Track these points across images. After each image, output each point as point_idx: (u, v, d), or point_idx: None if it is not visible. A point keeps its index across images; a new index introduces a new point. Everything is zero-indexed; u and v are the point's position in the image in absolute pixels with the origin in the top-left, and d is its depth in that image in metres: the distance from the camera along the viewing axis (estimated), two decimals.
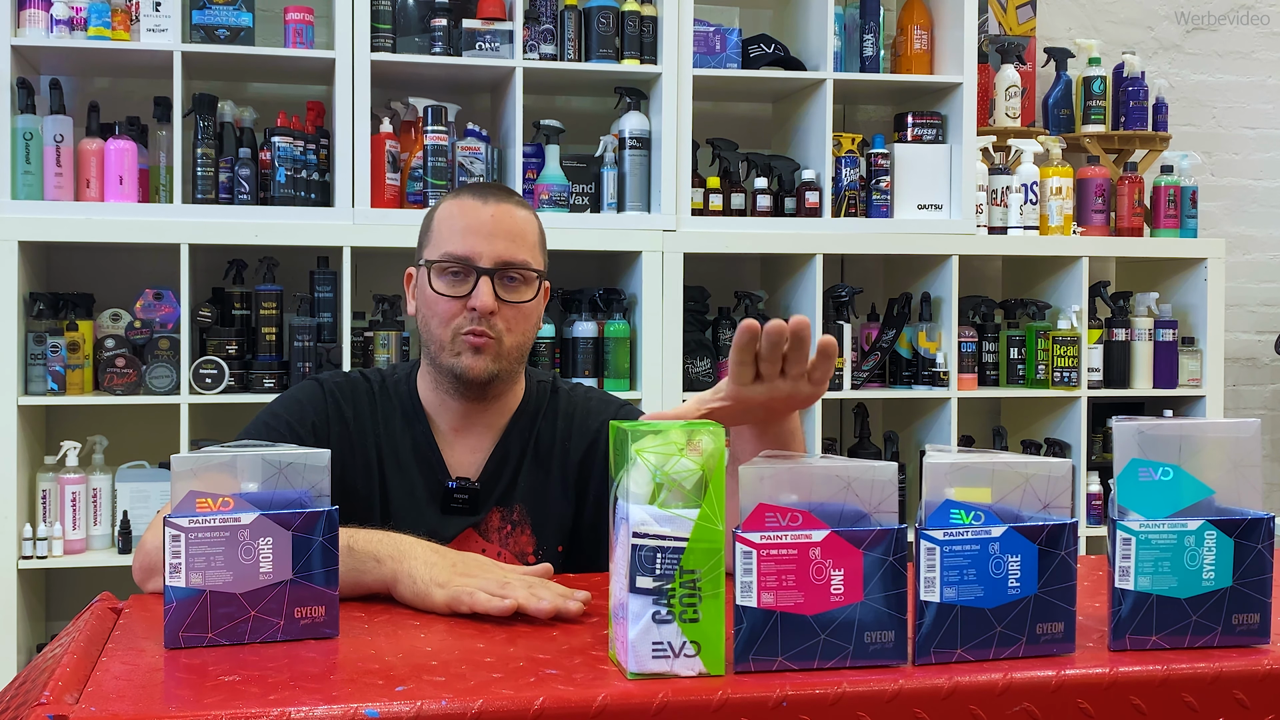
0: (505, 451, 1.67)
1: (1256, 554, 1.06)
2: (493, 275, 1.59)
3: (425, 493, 1.64)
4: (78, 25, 2.84)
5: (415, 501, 1.64)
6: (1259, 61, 3.95)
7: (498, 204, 1.62)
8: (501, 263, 1.59)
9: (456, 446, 1.66)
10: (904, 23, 3.35)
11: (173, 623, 1.07)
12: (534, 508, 1.66)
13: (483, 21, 3.01)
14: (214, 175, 2.92)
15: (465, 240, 1.59)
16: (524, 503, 1.66)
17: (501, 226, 1.60)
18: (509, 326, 1.60)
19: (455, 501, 1.63)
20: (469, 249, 1.59)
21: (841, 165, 3.22)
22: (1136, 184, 3.47)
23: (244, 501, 1.09)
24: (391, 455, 1.65)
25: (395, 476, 1.64)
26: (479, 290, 1.58)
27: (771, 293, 3.38)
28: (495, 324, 1.59)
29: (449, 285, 1.60)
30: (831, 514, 0.99)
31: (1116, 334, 3.40)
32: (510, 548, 1.64)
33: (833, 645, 0.99)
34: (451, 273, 1.60)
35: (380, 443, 1.65)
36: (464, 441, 1.67)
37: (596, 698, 0.92)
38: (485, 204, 1.62)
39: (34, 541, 2.77)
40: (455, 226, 1.61)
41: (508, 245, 1.60)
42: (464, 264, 1.59)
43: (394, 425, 1.66)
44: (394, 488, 1.64)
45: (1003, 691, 0.97)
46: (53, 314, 2.85)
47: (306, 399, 1.65)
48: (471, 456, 1.66)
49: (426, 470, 1.65)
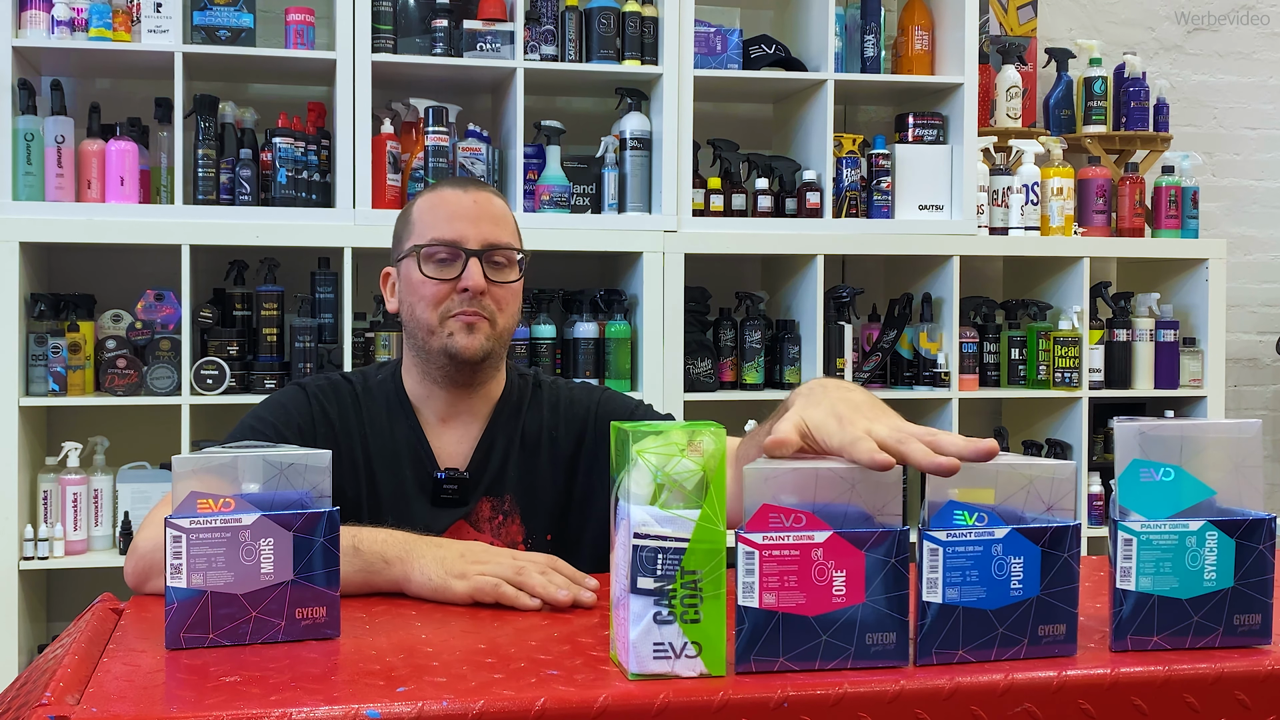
0: (492, 440, 1.69)
1: (1258, 555, 1.06)
2: (480, 256, 1.63)
3: (415, 486, 1.66)
4: (79, 26, 2.84)
5: (405, 497, 1.66)
6: (1260, 62, 3.95)
7: (478, 191, 1.68)
8: (488, 244, 1.64)
9: (444, 437, 1.69)
10: (905, 23, 3.36)
11: (174, 623, 1.07)
12: (523, 497, 1.68)
13: (483, 22, 3.01)
14: (215, 176, 2.92)
15: (452, 225, 1.64)
16: (513, 492, 1.68)
17: (485, 211, 1.66)
18: (499, 307, 1.65)
19: (445, 493, 1.66)
20: (456, 233, 1.63)
21: (842, 166, 3.22)
22: (1137, 184, 3.47)
23: (245, 502, 1.09)
24: (379, 453, 1.66)
25: (384, 473, 1.66)
26: (469, 270, 1.62)
27: (772, 293, 3.38)
28: (486, 304, 1.63)
29: (437, 269, 1.64)
30: (835, 515, 0.99)
31: (1118, 334, 3.40)
32: (502, 537, 1.66)
33: (834, 646, 0.99)
34: (439, 258, 1.64)
35: (367, 441, 1.67)
36: (451, 431, 1.69)
37: (598, 698, 0.92)
38: (466, 192, 1.67)
39: (35, 542, 2.77)
40: (439, 214, 1.65)
41: (492, 228, 1.65)
42: (452, 247, 1.63)
43: (380, 422, 1.68)
44: (383, 484, 1.66)
45: (1004, 692, 0.97)
46: (54, 315, 2.86)
47: (290, 403, 1.67)
48: (459, 446, 1.69)
49: (415, 463, 1.67)
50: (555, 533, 1.69)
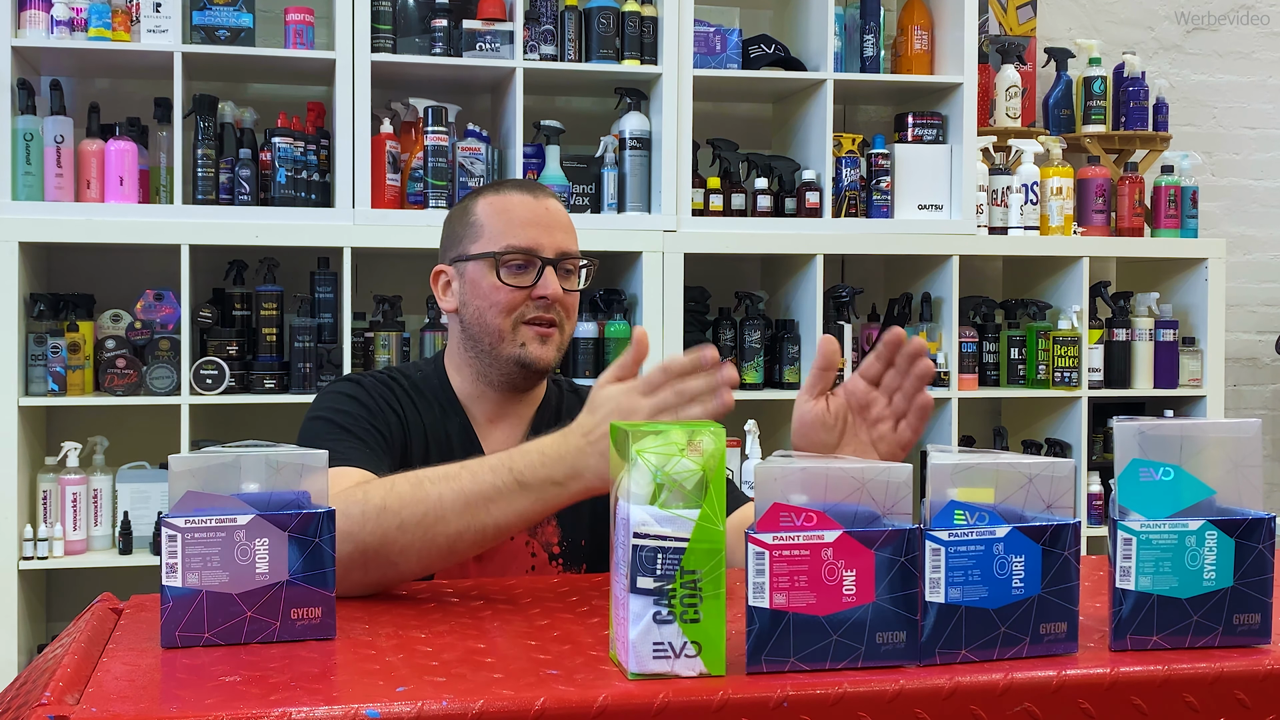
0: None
1: (1257, 554, 1.06)
2: (556, 265, 1.64)
3: None
4: (78, 26, 2.84)
5: None
6: (1259, 61, 3.95)
7: (549, 199, 1.69)
8: (562, 253, 1.66)
9: (492, 436, 1.70)
10: (904, 23, 3.35)
11: (169, 622, 1.07)
12: None
13: (483, 22, 3.01)
14: (214, 176, 2.92)
15: (527, 232, 1.64)
16: None
17: (557, 220, 1.67)
18: (568, 314, 1.68)
19: None
20: (532, 240, 1.64)
21: (842, 165, 3.22)
22: (1137, 184, 3.47)
23: (241, 502, 1.09)
24: (435, 446, 1.67)
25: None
26: (546, 279, 1.63)
27: (772, 293, 3.38)
28: (557, 311, 1.65)
29: (514, 276, 1.64)
30: (845, 515, 0.99)
31: (1117, 334, 3.39)
32: (538, 538, 1.66)
33: (845, 646, 0.98)
34: (516, 265, 1.64)
35: (426, 434, 1.67)
36: (498, 432, 1.70)
37: (597, 698, 0.92)
38: (537, 199, 1.67)
39: (35, 542, 2.77)
40: (513, 219, 1.65)
41: (564, 237, 1.67)
42: (529, 255, 1.64)
43: (433, 417, 1.68)
44: None
45: (1004, 692, 0.97)
46: (53, 315, 2.85)
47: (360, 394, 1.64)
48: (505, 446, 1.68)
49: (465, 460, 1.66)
50: (589, 538, 1.68)
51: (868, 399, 1.36)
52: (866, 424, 1.36)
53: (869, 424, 1.36)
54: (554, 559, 1.65)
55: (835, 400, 1.36)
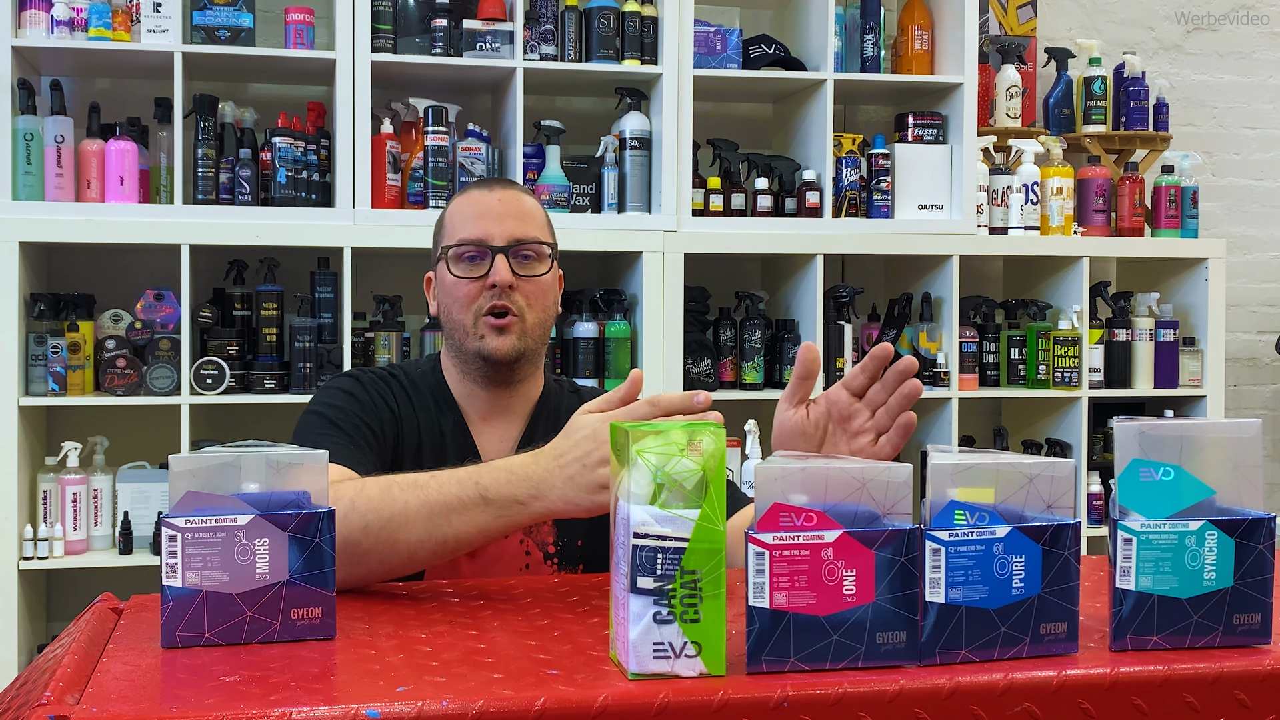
0: (531, 440, 1.69)
1: (1258, 554, 1.06)
2: (507, 252, 1.65)
3: None
4: (78, 26, 2.84)
5: None
6: (1259, 61, 3.95)
7: (503, 190, 1.71)
8: (514, 240, 1.66)
9: (486, 434, 1.70)
10: (904, 23, 3.35)
11: (169, 622, 1.07)
12: None
13: (483, 22, 3.01)
14: (214, 176, 2.92)
15: (477, 224, 1.66)
16: None
17: (510, 209, 1.68)
18: (529, 303, 1.66)
19: None
20: (481, 231, 1.66)
21: (842, 165, 3.22)
22: (1137, 184, 3.47)
23: (241, 502, 1.09)
24: (429, 443, 1.68)
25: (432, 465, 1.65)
26: (496, 266, 1.64)
27: (772, 293, 3.38)
28: (516, 299, 1.65)
29: (466, 268, 1.66)
30: (845, 515, 0.99)
31: (1117, 334, 3.39)
32: (533, 537, 1.66)
33: (845, 646, 0.98)
34: (468, 257, 1.66)
35: (420, 431, 1.68)
36: (493, 430, 1.71)
37: (597, 698, 0.92)
38: (491, 191, 1.70)
39: (35, 542, 2.77)
40: (465, 215, 1.68)
41: (518, 224, 1.67)
42: (478, 245, 1.65)
43: (428, 414, 1.69)
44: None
45: (1004, 692, 0.97)
46: (53, 315, 2.85)
47: (357, 391, 1.67)
48: (500, 445, 1.70)
49: (460, 458, 1.67)
50: (586, 539, 1.68)
51: (850, 410, 1.37)
52: (847, 435, 1.37)
53: (849, 435, 1.37)
54: (549, 558, 1.65)
55: (816, 409, 1.38)
